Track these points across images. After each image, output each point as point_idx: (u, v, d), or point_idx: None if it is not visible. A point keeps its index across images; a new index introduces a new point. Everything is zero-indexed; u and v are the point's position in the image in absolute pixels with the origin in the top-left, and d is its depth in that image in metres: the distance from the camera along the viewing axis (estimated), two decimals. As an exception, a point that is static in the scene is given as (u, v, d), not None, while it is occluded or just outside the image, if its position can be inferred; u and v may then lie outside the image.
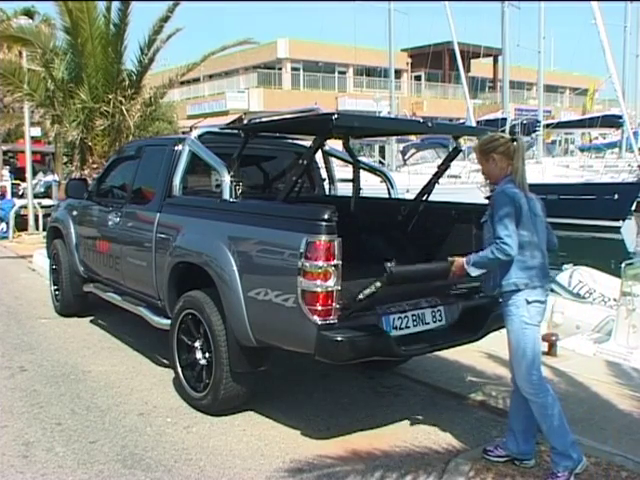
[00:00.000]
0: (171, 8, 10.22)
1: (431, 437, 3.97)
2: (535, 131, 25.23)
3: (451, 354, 5.06)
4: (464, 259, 3.36)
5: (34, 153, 15.27)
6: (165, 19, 10.26)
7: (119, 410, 4.37)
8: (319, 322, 3.43)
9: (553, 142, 33.52)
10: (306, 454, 3.70)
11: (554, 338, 5.44)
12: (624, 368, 5.33)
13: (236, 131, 5.20)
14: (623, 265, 6.49)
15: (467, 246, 4.45)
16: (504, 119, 24.86)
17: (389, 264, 3.46)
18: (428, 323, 4.03)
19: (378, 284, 3.45)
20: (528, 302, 3.32)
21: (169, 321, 4.66)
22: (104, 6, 10.07)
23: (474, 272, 3.34)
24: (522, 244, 3.30)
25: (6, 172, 17.62)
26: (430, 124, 4.44)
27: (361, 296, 3.49)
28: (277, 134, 5.45)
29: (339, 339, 3.40)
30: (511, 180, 3.40)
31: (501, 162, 3.43)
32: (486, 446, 3.65)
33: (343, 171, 6.29)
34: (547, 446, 3.68)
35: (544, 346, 5.46)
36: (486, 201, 3.94)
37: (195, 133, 5.00)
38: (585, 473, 3.42)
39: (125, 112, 10.04)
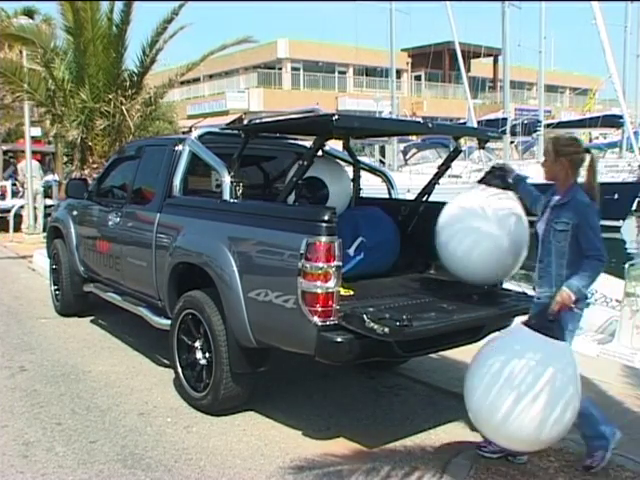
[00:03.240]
0: (176, 10, 10.23)
1: (431, 437, 3.98)
2: (536, 131, 25.21)
3: (452, 354, 5.05)
4: (567, 289, 3.25)
5: (34, 153, 15.21)
6: (169, 20, 10.28)
7: (119, 410, 4.37)
8: (319, 323, 3.43)
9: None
10: (306, 454, 3.71)
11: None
12: (626, 368, 5.33)
13: (236, 131, 5.20)
14: (627, 266, 6.48)
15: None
16: (505, 119, 24.83)
17: (404, 316, 3.29)
18: None
19: (387, 330, 3.25)
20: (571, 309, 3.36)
21: (169, 321, 4.66)
22: (107, 7, 10.09)
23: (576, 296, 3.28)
24: None
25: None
26: (430, 125, 4.45)
27: (367, 324, 3.33)
28: (277, 134, 5.45)
29: (339, 340, 3.40)
30: (583, 191, 3.40)
31: (567, 169, 3.41)
32: (480, 442, 3.66)
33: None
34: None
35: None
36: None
37: (195, 133, 5.00)
38: (586, 473, 3.43)
39: (125, 112, 10.05)
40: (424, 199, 5.04)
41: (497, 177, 4.06)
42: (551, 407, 3.05)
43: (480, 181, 4.19)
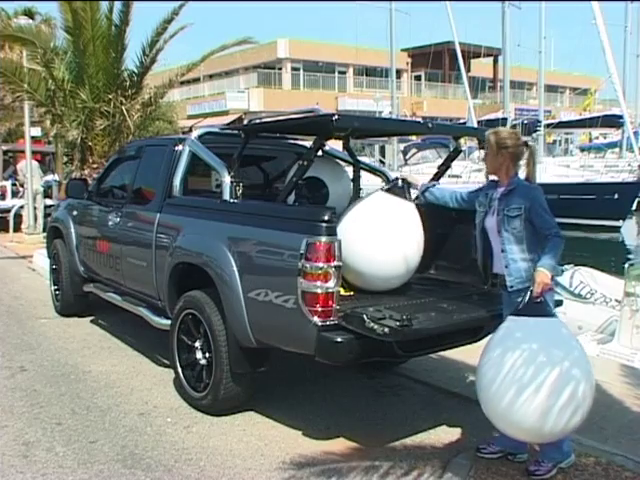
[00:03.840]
0: (176, 10, 10.23)
1: (431, 437, 3.98)
2: (536, 131, 25.23)
3: (452, 354, 5.05)
4: (544, 270, 3.28)
5: (34, 153, 15.20)
6: (169, 21, 10.27)
7: (119, 410, 4.37)
8: (319, 323, 3.43)
9: (554, 142, 33.54)
10: (306, 454, 3.71)
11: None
12: (626, 368, 5.33)
13: (236, 131, 5.20)
14: (626, 266, 6.48)
15: (467, 247, 4.47)
16: (505, 119, 24.84)
17: (404, 316, 3.29)
18: None
19: (386, 330, 3.25)
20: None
21: (169, 321, 4.66)
22: (107, 7, 10.09)
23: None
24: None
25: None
26: (430, 125, 4.45)
27: (366, 324, 3.33)
28: (277, 134, 5.45)
29: (339, 340, 3.39)
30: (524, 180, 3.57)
31: (508, 161, 3.53)
32: (479, 444, 3.66)
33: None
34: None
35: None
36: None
37: (195, 133, 5.00)
38: (585, 473, 3.43)
39: (125, 112, 10.05)
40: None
41: (400, 187, 4.27)
42: (560, 389, 3.04)
43: (382, 189, 4.37)
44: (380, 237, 4.01)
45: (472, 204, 3.84)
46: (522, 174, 3.63)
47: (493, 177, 3.70)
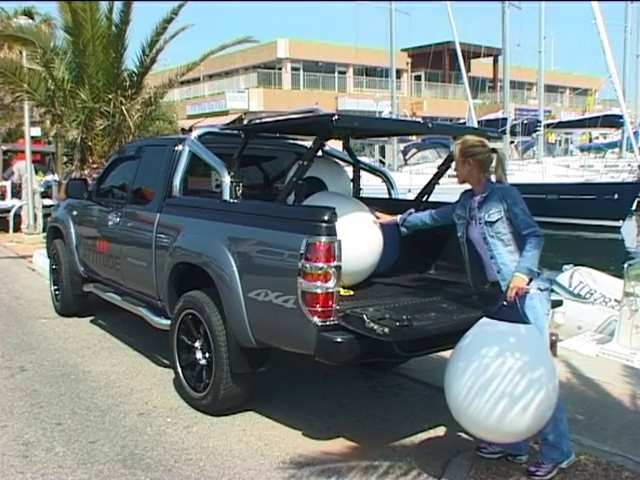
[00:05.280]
0: (175, 10, 10.22)
1: (431, 437, 3.98)
2: (536, 131, 25.24)
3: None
4: (519, 273, 3.28)
5: (34, 153, 15.20)
6: (169, 20, 10.26)
7: (119, 410, 4.37)
8: (319, 323, 3.43)
9: (555, 142, 33.56)
10: (306, 454, 3.71)
11: (554, 338, 5.44)
12: (625, 368, 5.33)
13: (236, 131, 5.20)
14: (626, 266, 6.48)
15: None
16: (505, 119, 24.84)
17: (404, 316, 3.29)
18: None
19: (387, 331, 3.24)
20: (541, 290, 3.40)
21: (169, 321, 4.66)
22: (106, 6, 10.09)
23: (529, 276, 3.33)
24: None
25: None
26: (430, 125, 4.45)
27: (366, 324, 3.32)
28: (277, 134, 5.45)
29: (339, 340, 3.39)
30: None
31: (474, 169, 3.54)
32: (479, 443, 3.66)
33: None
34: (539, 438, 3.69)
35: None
36: None
37: (195, 133, 5.00)
38: (585, 473, 3.43)
39: (125, 112, 10.05)
40: (424, 199, 5.03)
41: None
42: (516, 391, 3.01)
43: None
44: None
45: (449, 219, 3.84)
46: (493, 179, 3.63)
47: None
